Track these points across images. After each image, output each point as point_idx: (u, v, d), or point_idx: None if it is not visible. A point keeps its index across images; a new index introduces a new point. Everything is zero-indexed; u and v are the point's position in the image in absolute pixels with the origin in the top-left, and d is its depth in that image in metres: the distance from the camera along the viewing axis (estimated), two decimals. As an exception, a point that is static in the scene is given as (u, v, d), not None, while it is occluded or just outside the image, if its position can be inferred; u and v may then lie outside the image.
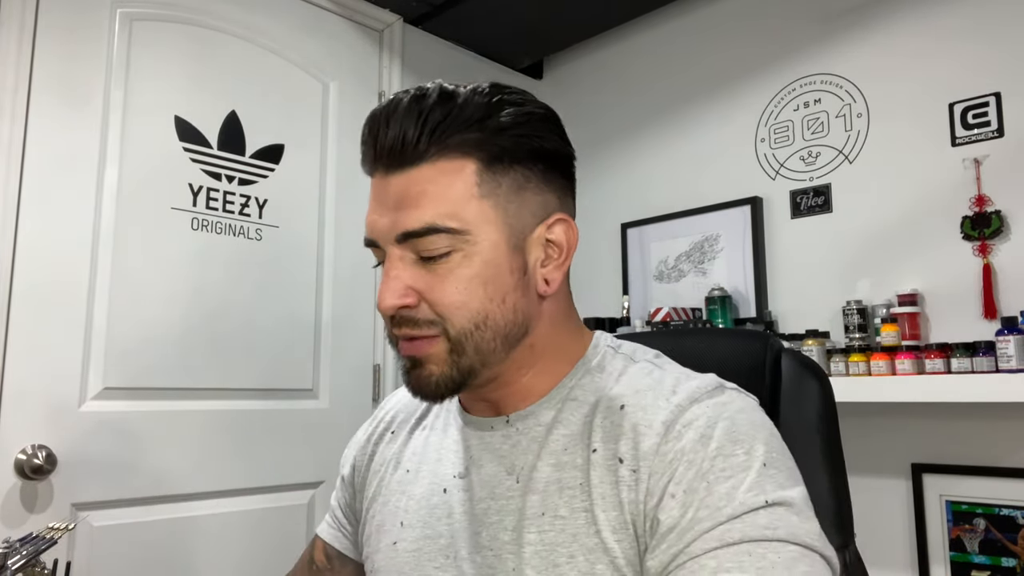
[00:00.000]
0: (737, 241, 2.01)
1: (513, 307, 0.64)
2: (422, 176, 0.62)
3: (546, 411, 0.67)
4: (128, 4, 1.69)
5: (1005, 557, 1.53)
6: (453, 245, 0.62)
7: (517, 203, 0.64)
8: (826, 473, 0.79)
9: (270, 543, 1.79)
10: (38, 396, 1.49)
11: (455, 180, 0.62)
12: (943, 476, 1.61)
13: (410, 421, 0.81)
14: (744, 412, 0.61)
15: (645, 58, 2.33)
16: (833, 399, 0.83)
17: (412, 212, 0.62)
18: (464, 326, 0.63)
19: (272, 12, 1.94)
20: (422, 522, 0.71)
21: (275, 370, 1.85)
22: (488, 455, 0.68)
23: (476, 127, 0.62)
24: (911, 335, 1.63)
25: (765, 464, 0.57)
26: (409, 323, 0.64)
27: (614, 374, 0.68)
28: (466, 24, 2.26)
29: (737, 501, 0.54)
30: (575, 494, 0.62)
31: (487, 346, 0.63)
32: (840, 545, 0.75)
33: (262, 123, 1.89)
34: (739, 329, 0.73)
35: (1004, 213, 1.59)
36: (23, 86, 1.53)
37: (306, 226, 1.95)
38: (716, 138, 2.12)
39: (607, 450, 0.62)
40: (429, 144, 0.62)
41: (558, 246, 0.67)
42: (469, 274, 0.62)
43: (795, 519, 0.54)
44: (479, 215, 0.62)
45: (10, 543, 0.81)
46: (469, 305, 0.62)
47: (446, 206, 0.62)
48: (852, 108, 1.85)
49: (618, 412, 0.63)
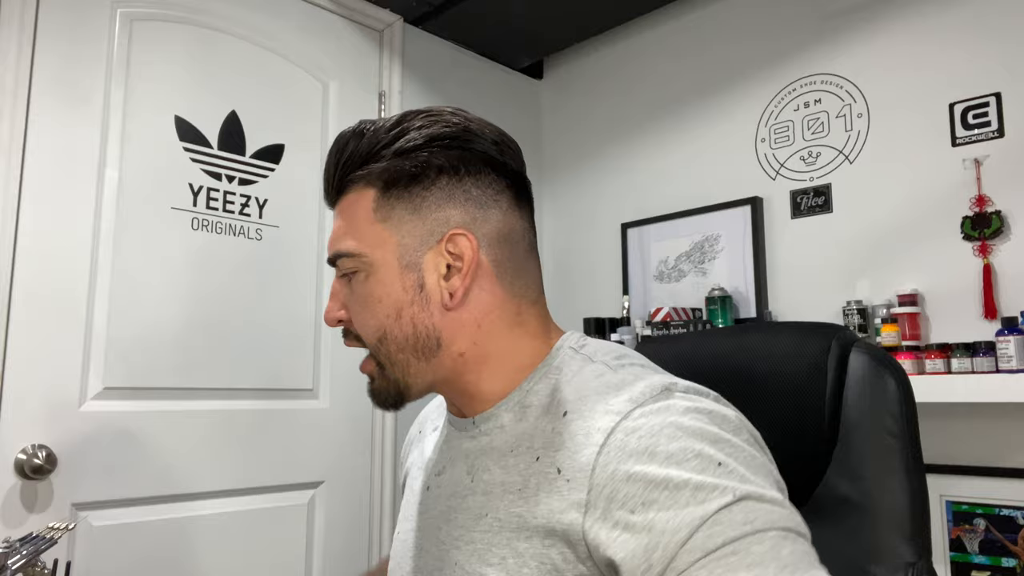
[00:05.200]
0: (737, 241, 2.01)
1: (411, 321, 0.68)
2: (340, 207, 0.71)
3: (505, 413, 0.69)
4: (128, 4, 1.69)
5: (1005, 557, 1.53)
6: (356, 266, 0.69)
7: (413, 222, 0.68)
8: (903, 483, 0.72)
9: (270, 543, 1.79)
10: (38, 396, 1.49)
11: (357, 209, 0.69)
12: (943, 476, 1.61)
13: (428, 424, 0.87)
14: (689, 413, 0.58)
15: (645, 58, 2.33)
16: (912, 397, 0.76)
17: (334, 240, 0.71)
18: (371, 341, 0.69)
19: (272, 12, 1.94)
20: (413, 515, 0.77)
21: (275, 370, 1.85)
22: (458, 455, 0.72)
23: (375, 158, 0.69)
24: (911, 335, 1.63)
25: (720, 463, 0.55)
26: (349, 336, 0.72)
27: (568, 375, 0.67)
28: (466, 24, 2.26)
29: (706, 505, 0.52)
30: (514, 499, 0.63)
31: (396, 358, 0.69)
32: (912, 561, 0.69)
33: (262, 123, 1.89)
34: (807, 323, 0.71)
35: (1004, 213, 1.59)
36: (23, 86, 1.53)
37: (306, 226, 1.95)
38: (716, 138, 2.12)
39: (547, 458, 0.62)
40: (342, 180, 0.71)
41: (460, 258, 0.68)
42: (366, 293, 0.69)
43: (767, 507, 0.53)
44: (374, 238, 0.68)
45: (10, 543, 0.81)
46: (369, 322, 0.69)
47: (351, 232, 0.69)
48: (852, 108, 1.85)
49: (560, 419, 0.63)
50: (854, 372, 0.77)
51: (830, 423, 0.77)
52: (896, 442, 0.73)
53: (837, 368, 0.77)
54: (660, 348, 0.92)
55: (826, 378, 0.77)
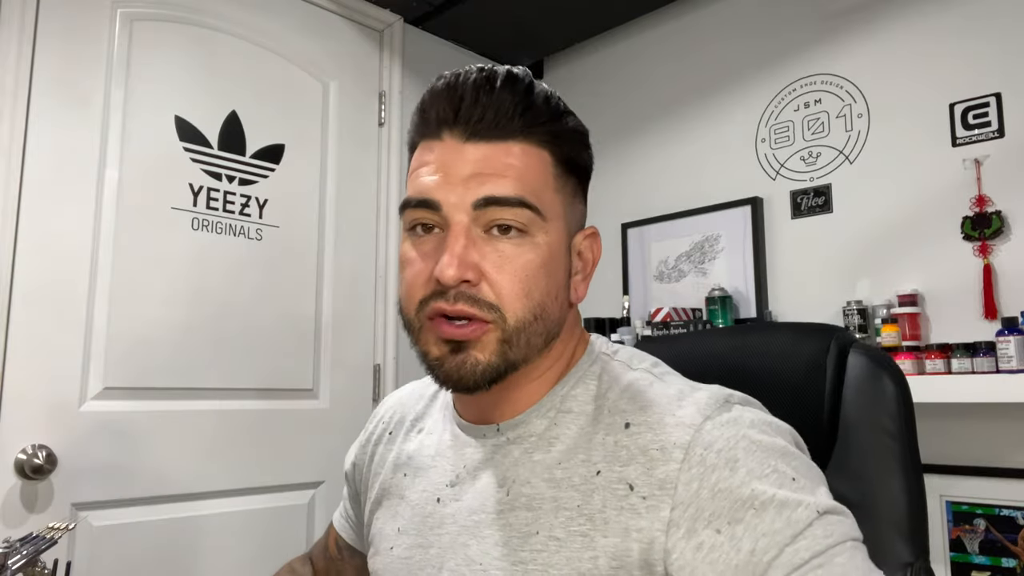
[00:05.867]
0: (737, 241, 2.01)
1: (560, 306, 0.64)
2: (508, 151, 0.60)
3: (537, 420, 0.65)
4: (128, 4, 1.69)
5: (1005, 557, 1.52)
6: (529, 227, 0.60)
7: (571, 207, 0.65)
8: (901, 483, 0.72)
9: (270, 543, 1.79)
10: (38, 396, 1.49)
11: (538, 165, 0.62)
12: (943, 476, 1.61)
13: (405, 423, 0.79)
14: (756, 426, 0.58)
15: (645, 58, 2.33)
16: (910, 398, 0.76)
17: (499, 180, 0.59)
18: (523, 316, 0.60)
19: (272, 12, 1.94)
20: (416, 530, 0.69)
21: (275, 370, 1.85)
22: (480, 465, 0.66)
23: (550, 125, 0.63)
24: (911, 335, 1.63)
25: (794, 479, 0.55)
26: (468, 300, 0.59)
27: (608, 381, 0.65)
28: (466, 24, 2.26)
29: (791, 521, 0.52)
30: (572, 516, 0.59)
31: (535, 340, 0.61)
32: (909, 561, 0.69)
33: (262, 123, 1.89)
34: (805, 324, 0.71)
35: (1004, 213, 1.59)
36: (23, 86, 1.53)
37: (306, 226, 1.95)
38: (716, 138, 2.11)
39: (612, 473, 0.58)
40: (521, 124, 0.61)
41: (584, 260, 0.67)
42: (537, 262, 0.60)
43: (839, 518, 0.54)
44: (553, 206, 0.62)
45: (10, 543, 0.81)
46: (531, 295, 0.60)
47: (530, 186, 0.60)
48: (852, 108, 1.85)
49: (623, 431, 0.60)
50: (852, 372, 0.76)
51: (829, 422, 0.77)
52: (894, 442, 0.73)
53: (836, 368, 0.77)
54: (658, 348, 0.92)
55: (825, 378, 0.76)
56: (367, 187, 2.10)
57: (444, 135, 0.62)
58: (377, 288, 2.09)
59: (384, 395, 2.04)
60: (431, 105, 0.63)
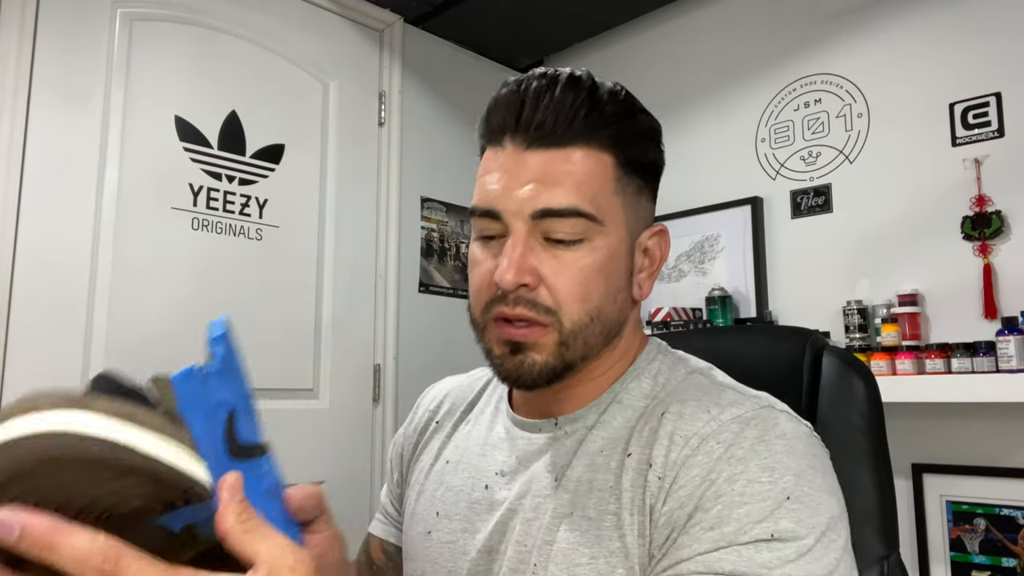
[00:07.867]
0: (737, 241, 2.01)
1: (620, 307, 0.66)
2: (567, 158, 0.62)
3: (592, 414, 0.66)
4: (128, 4, 1.69)
5: (1005, 557, 1.52)
6: (586, 233, 0.62)
7: (634, 207, 0.67)
8: (870, 478, 0.75)
9: (270, 543, 1.78)
10: (38, 396, 1.49)
11: (597, 170, 0.63)
12: (943, 476, 1.61)
13: (455, 413, 0.81)
14: (785, 439, 0.57)
15: (645, 58, 2.33)
16: (880, 399, 0.79)
17: (555, 190, 0.61)
18: (580, 319, 0.62)
19: (272, 12, 1.94)
20: (461, 515, 0.70)
21: (275, 370, 1.85)
22: (534, 455, 0.68)
23: (615, 126, 0.64)
24: (911, 335, 1.63)
25: (789, 497, 0.53)
26: (526, 304, 0.62)
27: (664, 384, 0.67)
28: (466, 24, 2.26)
29: (742, 530, 0.52)
30: (604, 496, 0.61)
31: (594, 341, 0.64)
32: (882, 555, 0.71)
33: (262, 123, 1.88)
34: (780, 327, 0.72)
35: (1004, 213, 1.59)
36: (23, 86, 1.53)
37: (306, 226, 1.95)
38: (716, 138, 2.11)
39: (641, 455, 0.61)
40: (583, 129, 0.62)
41: (651, 257, 0.69)
42: (595, 266, 0.62)
43: (799, 562, 0.51)
44: (612, 210, 0.64)
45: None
46: (589, 298, 0.62)
47: (588, 193, 0.62)
48: (852, 108, 1.85)
49: (658, 418, 0.62)
50: (827, 374, 0.80)
51: None
52: (865, 440, 0.76)
53: (811, 370, 0.81)
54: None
55: (802, 380, 0.80)
56: (367, 187, 2.10)
57: (506, 143, 0.64)
58: (377, 288, 2.09)
59: (384, 395, 2.04)
60: (494, 112, 0.65)
